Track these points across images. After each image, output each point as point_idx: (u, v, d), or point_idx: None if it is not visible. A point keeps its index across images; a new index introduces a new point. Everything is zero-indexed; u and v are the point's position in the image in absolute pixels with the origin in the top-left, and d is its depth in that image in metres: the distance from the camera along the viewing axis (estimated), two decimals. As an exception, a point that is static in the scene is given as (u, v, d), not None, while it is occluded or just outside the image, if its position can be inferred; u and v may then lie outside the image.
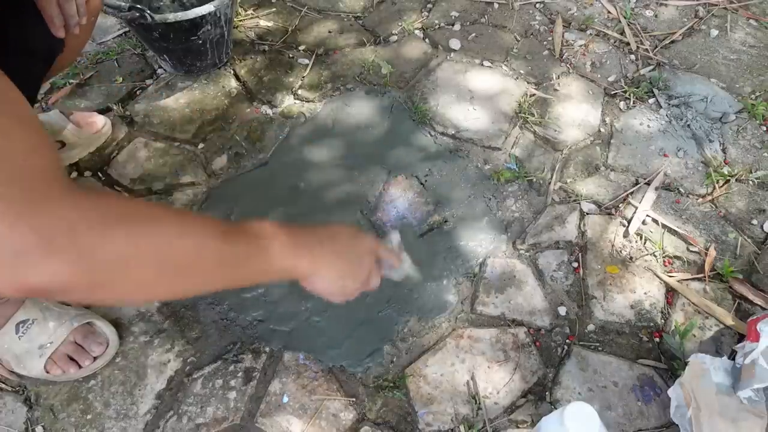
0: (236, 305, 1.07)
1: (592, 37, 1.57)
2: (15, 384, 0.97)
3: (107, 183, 1.22)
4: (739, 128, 1.38)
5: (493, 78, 1.45)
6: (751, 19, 1.64)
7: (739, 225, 1.21)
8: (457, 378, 1.00)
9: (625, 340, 1.06)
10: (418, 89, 1.42)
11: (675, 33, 1.59)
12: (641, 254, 1.16)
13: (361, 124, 1.35)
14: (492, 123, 1.36)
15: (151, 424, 0.94)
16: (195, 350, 1.01)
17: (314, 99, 1.39)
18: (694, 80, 1.47)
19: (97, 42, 1.49)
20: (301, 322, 1.05)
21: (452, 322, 1.06)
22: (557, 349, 1.04)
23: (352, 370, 1.00)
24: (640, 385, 1.00)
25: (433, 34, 1.56)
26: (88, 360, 0.95)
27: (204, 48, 1.32)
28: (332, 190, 1.23)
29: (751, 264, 1.16)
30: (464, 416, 0.96)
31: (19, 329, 0.92)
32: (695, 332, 1.05)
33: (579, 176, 1.28)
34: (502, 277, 1.12)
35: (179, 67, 1.39)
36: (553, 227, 1.19)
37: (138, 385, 0.97)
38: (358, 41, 1.52)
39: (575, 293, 1.11)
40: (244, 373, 0.99)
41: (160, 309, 1.05)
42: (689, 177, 1.29)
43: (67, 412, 0.94)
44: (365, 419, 0.96)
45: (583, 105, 1.41)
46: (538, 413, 0.96)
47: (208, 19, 1.24)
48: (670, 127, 1.38)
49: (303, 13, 1.59)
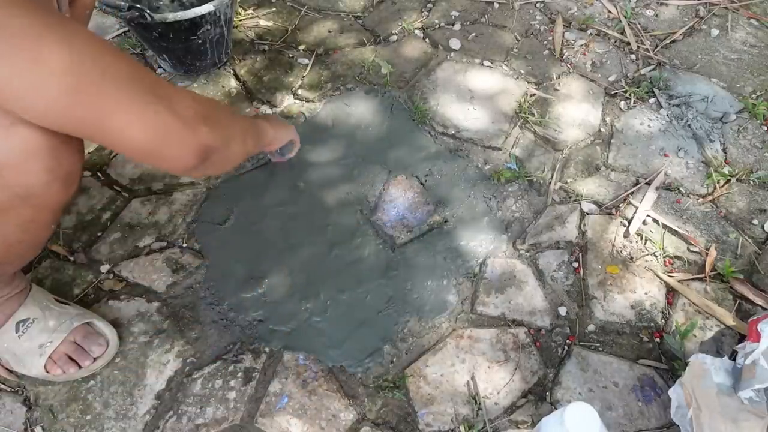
0: (236, 305, 1.07)
1: (592, 36, 1.57)
2: (14, 384, 0.97)
3: (106, 183, 1.22)
4: (740, 128, 1.38)
5: (494, 78, 1.45)
6: (752, 18, 1.64)
7: (740, 225, 1.21)
8: (457, 378, 0.99)
9: (625, 340, 1.05)
10: (418, 89, 1.42)
11: (675, 33, 1.59)
12: (642, 254, 1.16)
13: (361, 124, 1.35)
14: (492, 123, 1.36)
15: (151, 425, 0.94)
16: (195, 350, 1.01)
17: (314, 99, 1.39)
18: (695, 80, 1.47)
19: (96, 42, 1.49)
20: (301, 322, 1.05)
21: (452, 322, 1.06)
22: (557, 350, 1.04)
23: (352, 370, 1.00)
24: (640, 386, 1.00)
25: (433, 34, 1.55)
26: (88, 360, 0.95)
27: (204, 48, 1.32)
28: (332, 190, 1.23)
29: (751, 264, 1.15)
30: (464, 416, 0.96)
31: (19, 328, 0.92)
32: (696, 332, 1.05)
33: (579, 176, 1.28)
34: (502, 277, 1.12)
35: (179, 66, 1.39)
36: (554, 227, 1.19)
37: (137, 386, 0.97)
38: (358, 41, 1.52)
39: (575, 293, 1.10)
40: (244, 374, 0.99)
41: (160, 309, 1.05)
42: (690, 177, 1.29)
43: (67, 412, 0.94)
44: (365, 419, 0.95)
45: (584, 105, 1.41)
46: (539, 413, 0.96)
47: (207, 19, 1.24)
48: (670, 127, 1.38)
49: (303, 13, 1.59)
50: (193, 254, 1.13)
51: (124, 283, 1.09)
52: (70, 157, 0.68)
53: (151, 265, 1.11)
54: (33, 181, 0.66)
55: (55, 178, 0.67)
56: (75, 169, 0.70)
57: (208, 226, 1.17)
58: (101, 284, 1.08)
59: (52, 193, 0.68)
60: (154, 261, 1.11)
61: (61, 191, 0.69)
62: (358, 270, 1.12)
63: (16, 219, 0.70)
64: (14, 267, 0.88)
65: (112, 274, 1.10)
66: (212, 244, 1.14)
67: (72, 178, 0.70)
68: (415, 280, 1.11)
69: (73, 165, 0.70)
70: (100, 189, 1.21)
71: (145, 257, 1.12)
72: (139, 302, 1.06)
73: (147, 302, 1.06)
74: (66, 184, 0.69)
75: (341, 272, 1.11)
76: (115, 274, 1.10)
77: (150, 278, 1.09)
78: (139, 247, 1.13)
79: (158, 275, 1.09)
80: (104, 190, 1.21)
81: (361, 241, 1.15)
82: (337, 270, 1.11)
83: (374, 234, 1.17)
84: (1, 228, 0.71)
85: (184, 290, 1.08)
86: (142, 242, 1.14)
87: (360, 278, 1.10)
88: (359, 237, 1.16)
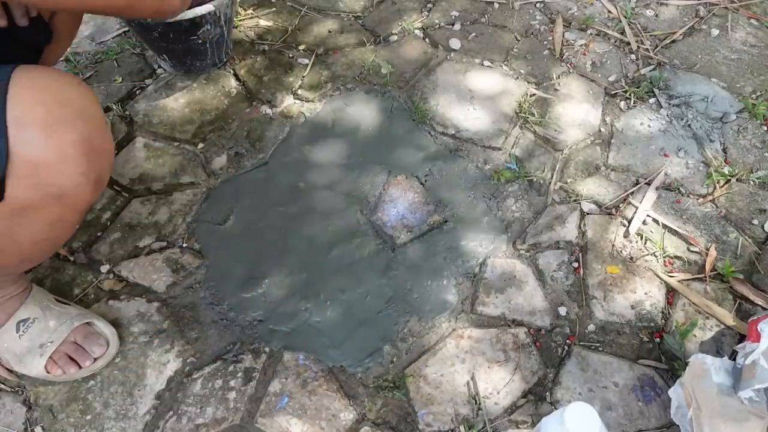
0: (236, 305, 1.07)
1: (592, 36, 1.57)
2: (14, 384, 0.97)
3: (107, 183, 1.22)
4: (740, 128, 1.38)
5: (494, 78, 1.45)
6: (752, 18, 1.64)
7: (740, 225, 1.21)
8: (457, 378, 0.99)
9: (625, 340, 1.05)
10: (418, 89, 1.42)
11: (675, 32, 1.59)
12: (642, 254, 1.16)
13: (361, 124, 1.35)
14: (492, 123, 1.36)
15: (151, 425, 0.94)
16: (195, 350, 1.01)
17: (314, 99, 1.39)
18: (695, 80, 1.47)
19: (96, 42, 1.49)
20: (301, 322, 1.05)
21: (452, 322, 1.06)
22: (557, 350, 1.04)
23: (352, 370, 1.00)
24: (640, 386, 1.00)
25: (433, 34, 1.55)
26: (88, 360, 0.95)
27: (204, 47, 1.32)
28: (332, 190, 1.23)
29: (751, 264, 1.15)
30: (464, 416, 0.96)
31: (19, 328, 0.92)
32: (696, 332, 1.05)
33: (579, 176, 1.28)
34: (502, 277, 1.12)
35: (179, 66, 1.39)
36: (554, 227, 1.19)
37: (137, 386, 0.97)
38: (358, 41, 1.52)
39: (575, 293, 1.10)
40: (244, 374, 0.99)
41: (160, 309, 1.05)
42: (690, 177, 1.29)
43: (67, 412, 0.94)
44: (365, 419, 0.95)
45: (584, 105, 1.41)
46: (539, 413, 0.96)
47: (207, 19, 1.24)
48: (670, 127, 1.38)
49: (303, 13, 1.59)
50: (193, 254, 1.13)
51: (124, 283, 1.09)
52: (101, 161, 0.73)
53: (151, 265, 1.11)
54: (67, 182, 0.70)
55: (87, 181, 0.71)
56: (105, 173, 0.75)
57: (208, 226, 1.17)
58: (101, 284, 1.08)
59: (82, 194, 0.72)
60: (154, 261, 1.11)
61: (90, 193, 0.73)
62: (358, 270, 1.12)
63: (47, 217, 0.73)
64: (33, 264, 0.93)
65: (112, 274, 1.10)
66: (212, 244, 1.14)
67: (101, 181, 0.74)
68: (415, 280, 1.11)
69: (104, 169, 0.74)
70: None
71: (145, 257, 1.12)
72: (139, 302, 1.06)
73: (147, 302, 1.06)
74: (96, 187, 0.74)
75: (341, 272, 1.11)
76: (115, 274, 1.10)
77: (150, 278, 1.09)
78: (139, 247, 1.13)
79: (158, 275, 1.09)
80: (104, 190, 1.21)
81: (361, 241, 1.15)
82: (337, 270, 1.11)
83: (374, 234, 1.17)
84: (31, 225, 0.73)
85: (184, 290, 1.08)
86: (142, 242, 1.14)
87: (360, 278, 1.10)
88: (359, 237, 1.16)
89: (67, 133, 0.67)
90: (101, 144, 0.72)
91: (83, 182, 0.71)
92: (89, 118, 0.70)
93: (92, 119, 0.71)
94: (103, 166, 0.74)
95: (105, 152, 0.73)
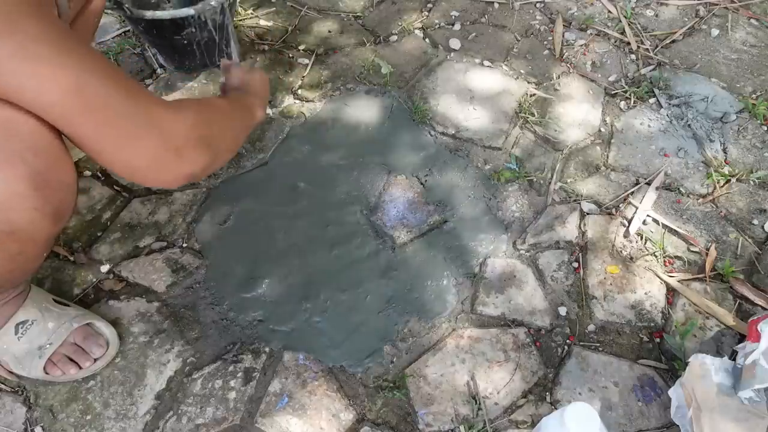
0: (236, 305, 1.07)
1: (592, 36, 1.57)
2: (14, 384, 0.97)
3: (107, 183, 1.22)
4: (740, 128, 1.38)
5: (494, 78, 1.45)
6: (752, 18, 1.64)
7: (740, 225, 1.21)
8: (457, 378, 0.99)
9: (625, 340, 1.05)
10: (418, 89, 1.42)
11: (675, 32, 1.59)
12: (642, 254, 1.16)
13: (361, 124, 1.35)
14: (492, 123, 1.36)
15: (151, 425, 0.94)
16: (195, 350, 1.01)
17: (314, 99, 1.39)
18: (695, 80, 1.47)
19: (96, 42, 1.49)
20: (301, 322, 1.05)
21: (452, 322, 1.06)
22: (557, 350, 1.04)
23: (352, 370, 1.00)
24: (640, 386, 1.00)
25: (433, 34, 1.55)
26: (88, 361, 0.95)
27: (190, 48, 1.31)
28: (332, 190, 1.23)
29: (751, 264, 1.15)
30: (464, 416, 0.96)
31: (18, 330, 0.92)
32: (696, 332, 1.05)
33: (579, 176, 1.28)
34: (502, 277, 1.12)
35: (169, 62, 1.40)
36: (554, 227, 1.19)
37: (137, 386, 0.97)
38: (358, 41, 1.52)
39: (575, 293, 1.10)
40: (244, 374, 0.99)
41: (160, 309, 1.05)
42: (690, 177, 1.29)
43: (67, 412, 0.94)
44: (365, 419, 0.95)
45: (584, 105, 1.41)
46: (539, 413, 0.96)
47: (191, 22, 1.23)
48: (670, 127, 1.38)
49: (303, 13, 1.59)
50: (193, 254, 1.13)
51: (124, 283, 1.09)
52: (58, 194, 0.69)
53: (151, 265, 1.11)
54: (16, 217, 0.66)
55: (43, 215, 0.68)
56: (64, 205, 0.71)
57: (208, 226, 1.17)
58: (101, 284, 1.08)
59: (39, 228, 0.69)
60: (154, 261, 1.11)
61: (49, 226, 0.70)
62: (358, 270, 1.12)
63: (5, 251, 0.70)
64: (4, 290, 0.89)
65: (112, 274, 1.10)
66: (212, 244, 1.14)
67: (60, 214, 0.71)
68: (415, 280, 1.11)
69: (62, 201, 0.70)
70: (100, 189, 1.21)
71: (145, 257, 1.12)
72: (139, 302, 1.06)
73: (147, 302, 1.06)
74: (54, 220, 0.70)
75: (341, 272, 1.11)
76: (115, 274, 1.10)
77: (150, 278, 1.09)
78: (139, 247, 1.13)
79: (158, 275, 1.09)
80: (104, 190, 1.21)
81: (361, 241, 1.15)
82: (337, 270, 1.11)
83: (374, 234, 1.17)
84: None
85: (184, 290, 1.08)
86: (142, 242, 1.14)
87: (360, 278, 1.10)
88: (359, 237, 1.16)
89: (14, 167, 0.64)
90: (57, 176, 0.68)
91: (37, 217, 0.67)
92: (41, 151, 0.66)
93: (45, 152, 0.66)
94: (62, 198, 0.70)
95: (63, 185, 0.69)
